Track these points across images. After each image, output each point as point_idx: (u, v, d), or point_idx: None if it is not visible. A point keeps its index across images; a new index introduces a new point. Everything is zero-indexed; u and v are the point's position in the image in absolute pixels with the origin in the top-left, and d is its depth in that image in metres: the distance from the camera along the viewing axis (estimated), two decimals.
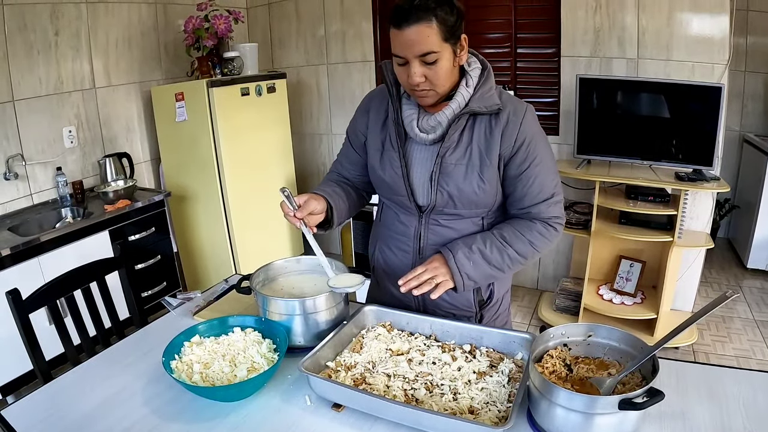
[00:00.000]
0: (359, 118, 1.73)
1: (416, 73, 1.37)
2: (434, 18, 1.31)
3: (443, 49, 1.35)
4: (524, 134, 1.47)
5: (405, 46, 1.35)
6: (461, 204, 1.53)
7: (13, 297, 1.66)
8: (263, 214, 4.10)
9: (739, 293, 4.06)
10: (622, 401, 1.05)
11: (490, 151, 1.48)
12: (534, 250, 1.53)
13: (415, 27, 1.32)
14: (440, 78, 1.39)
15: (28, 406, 1.36)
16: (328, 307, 1.50)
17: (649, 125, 3.26)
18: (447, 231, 1.59)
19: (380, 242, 1.75)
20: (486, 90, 1.48)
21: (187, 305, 1.87)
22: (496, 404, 1.22)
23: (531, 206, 1.52)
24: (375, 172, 1.63)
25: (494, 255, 1.50)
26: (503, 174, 1.52)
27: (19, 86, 3.23)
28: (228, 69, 3.82)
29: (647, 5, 3.29)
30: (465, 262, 1.48)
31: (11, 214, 3.25)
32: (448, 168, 1.50)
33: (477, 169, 1.49)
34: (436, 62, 1.36)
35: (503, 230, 1.53)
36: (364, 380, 1.31)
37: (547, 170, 1.51)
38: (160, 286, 3.70)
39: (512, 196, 1.54)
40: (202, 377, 1.33)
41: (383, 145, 1.60)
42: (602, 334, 1.30)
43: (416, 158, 1.55)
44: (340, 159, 1.82)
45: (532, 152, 1.48)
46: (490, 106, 1.46)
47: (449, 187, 1.50)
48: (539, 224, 1.53)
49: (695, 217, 3.41)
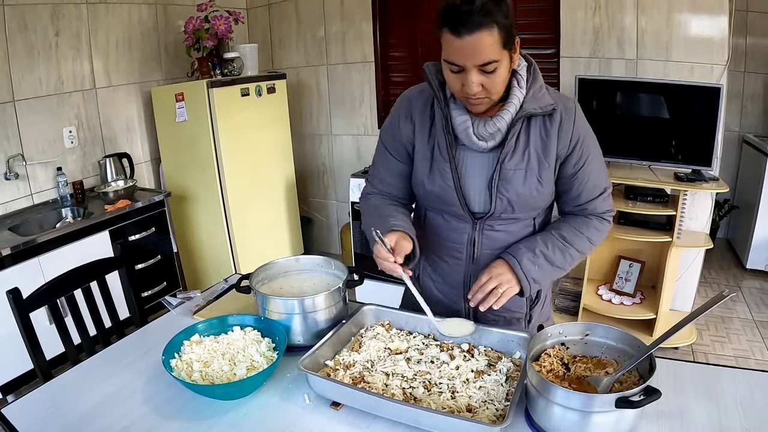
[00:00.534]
0: (403, 125, 1.57)
1: (474, 82, 1.29)
2: (495, 24, 1.22)
3: (503, 56, 1.27)
4: (578, 132, 1.44)
5: (464, 55, 1.26)
6: (519, 208, 1.48)
7: (13, 296, 1.67)
8: (263, 215, 4.11)
9: (737, 293, 4.07)
10: (618, 399, 1.05)
11: (548, 153, 1.44)
12: (591, 245, 1.53)
13: (477, 34, 1.22)
14: (497, 86, 1.32)
15: (29, 404, 1.37)
16: (326, 306, 1.51)
17: (648, 126, 3.27)
18: (502, 235, 1.53)
19: (427, 251, 1.62)
20: (537, 89, 1.42)
21: (187, 304, 1.88)
22: (494, 403, 1.23)
23: (587, 203, 1.51)
24: (421, 184, 1.54)
25: (557, 256, 1.48)
26: (558, 173, 1.49)
27: (19, 86, 3.24)
28: (228, 69, 3.82)
29: (646, 6, 3.30)
30: (531, 267, 1.45)
31: (12, 214, 3.26)
32: (507, 174, 1.44)
33: (536, 173, 1.44)
34: (495, 71, 1.28)
35: (562, 230, 1.51)
36: (363, 379, 1.32)
37: (599, 165, 1.51)
38: (160, 286, 3.70)
39: (567, 195, 1.52)
40: (201, 376, 1.34)
41: (432, 155, 1.50)
42: (600, 333, 1.31)
43: (470, 166, 1.48)
44: (379, 174, 1.65)
45: (586, 150, 1.46)
46: (545, 107, 1.40)
47: (509, 194, 1.45)
48: (595, 219, 1.53)
49: (694, 218, 3.41)
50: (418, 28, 4.11)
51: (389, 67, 4.36)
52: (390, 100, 4.42)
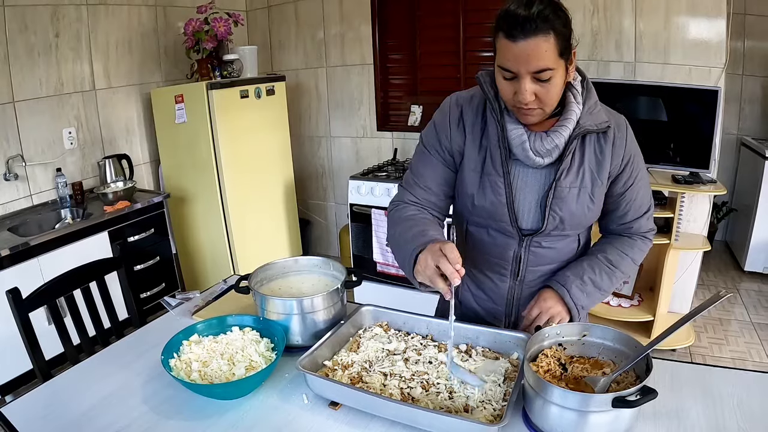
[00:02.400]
0: (453, 131, 1.47)
1: (527, 90, 1.24)
2: (552, 30, 1.18)
3: (558, 65, 1.23)
4: (630, 151, 1.42)
5: (518, 61, 1.22)
6: (570, 226, 1.45)
7: (13, 296, 1.67)
8: (262, 216, 4.12)
9: (733, 293, 4.08)
10: (615, 399, 1.06)
11: (601, 171, 1.41)
12: (635, 266, 1.53)
13: (533, 40, 1.18)
14: (551, 97, 1.27)
15: (28, 403, 1.37)
16: (325, 307, 1.51)
17: (646, 128, 3.27)
18: (547, 251, 1.49)
19: (468, 266, 1.47)
20: (592, 105, 1.38)
21: (186, 305, 1.88)
22: (491, 403, 1.23)
23: (633, 221, 1.50)
24: (472, 197, 1.46)
25: (604, 281, 1.47)
26: (608, 192, 1.46)
27: (19, 87, 3.25)
28: (227, 71, 3.83)
29: (644, 9, 3.31)
30: (580, 295, 1.44)
31: (11, 215, 3.26)
32: (562, 192, 1.40)
33: (589, 191, 1.41)
34: (549, 80, 1.23)
35: (608, 253, 1.49)
36: (361, 379, 1.32)
37: (646, 184, 1.49)
38: (159, 287, 3.71)
39: (614, 213, 1.50)
40: (200, 375, 1.34)
41: (483, 168, 1.44)
42: (597, 334, 1.31)
43: (523, 182, 1.43)
44: (422, 180, 1.53)
45: (636, 168, 1.44)
46: (600, 124, 1.37)
47: (562, 212, 1.41)
48: (639, 240, 1.51)
49: (692, 220, 3.42)
50: (417, 31, 4.12)
51: (388, 70, 4.37)
52: (389, 102, 4.43)
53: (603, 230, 1.58)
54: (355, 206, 3.76)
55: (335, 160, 4.78)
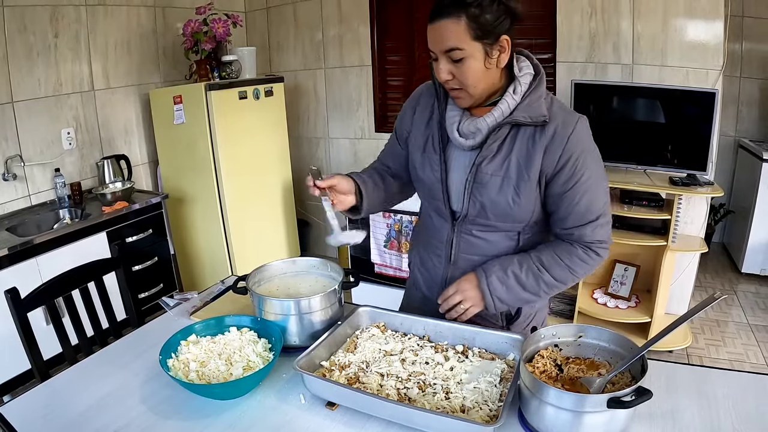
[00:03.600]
0: (407, 112, 1.64)
1: (442, 69, 1.34)
2: (464, 14, 1.26)
3: (472, 47, 1.29)
4: (571, 150, 1.37)
5: (432, 41, 1.33)
6: (494, 216, 1.46)
7: (11, 296, 1.67)
8: (260, 217, 4.12)
9: (728, 295, 4.09)
10: (610, 399, 1.07)
11: (530, 166, 1.39)
12: (573, 276, 1.46)
13: (444, 21, 1.28)
14: (468, 78, 1.33)
15: (26, 403, 1.38)
16: (322, 308, 1.52)
17: (644, 130, 3.29)
18: (480, 242, 1.53)
19: (418, 245, 1.71)
20: (535, 98, 1.38)
21: (184, 305, 1.89)
22: (487, 403, 1.24)
23: (574, 227, 1.43)
24: (415, 171, 1.58)
25: (529, 281, 1.45)
26: (546, 191, 1.43)
27: (18, 88, 3.25)
28: (226, 72, 3.84)
29: (642, 11, 3.32)
30: (498, 285, 1.45)
31: (9, 215, 3.26)
32: (483, 178, 1.43)
33: (513, 183, 1.41)
34: (462, 60, 1.30)
35: (542, 254, 1.47)
36: (358, 379, 1.33)
37: (595, 189, 1.41)
38: (157, 287, 3.71)
39: (555, 215, 1.46)
40: (198, 375, 1.35)
41: (425, 145, 1.54)
42: (593, 335, 1.32)
43: (455, 162, 1.49)
44: (384, 150, 1.76)
45: (579, 170, 1.38)
46: (536, 117, 1.37)
47: (482, 198, 1.44)
48: (580, 249, 1.44)
49: (689, 222, 3.43)
50: (416, 32, 4.13)
51: (386, 71, 4.38)
52: (387, 103, 4.43)
53: (552, 235, 1.55)
54: None
55: (333, 162, 4.78)
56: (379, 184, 1.64)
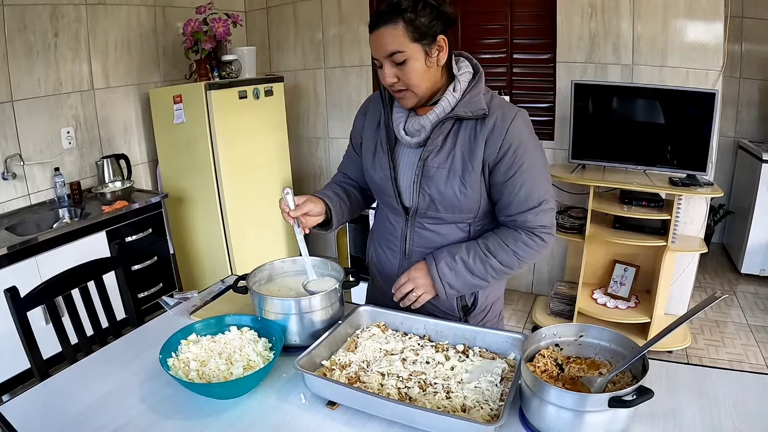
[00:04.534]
0: (358, 119, 1.75)
1: (387, 73, 1.42)
2: (401, 19, 1.35)
3: (411, 49, 1.38)
4: (510, 140, 1.44)
5: (375, 48, 1.42)
6: (443, 208, 1.54)
7: (11, 295, 1.67)
8: (260, 217, 4.12)
9: (728, 294, 4.09)
10: (611, 399, 1.07)
11: (473, 157, 1.47)
12: (519, 260, 1.51)
13: (383, 29, 1.38)
14: (412, 78, 1.42)
15: (26, 402, 1.37)
16: (323, 307, 1.52)
17: (644, 131, 3.29)
18: (432, 235, 1.60)
19: (374, 241, 1.79)
20: (474, 95, 1.47)
21: (184, 305, 1.88)
22: (488, 403, 1.24)
23: (517, 214, 1.50)
24: (367, 172, 1.68)
25: (477, 265, 1.51)
26: (490, 180, 1.51)
27: (18, 87, 3.24)
28: (226, 72, 3.84)
29: (642, 12, 3.32)
30: (447, 271, 1.51)
31: (9, 214, 3.26)
32: (430, 171, 1.51)
33: (459, 174, 1.49)
34: (405, 62, 1.39)
35: (488, 240, 1.53)
36: (359, 379, 1.33)
37: (535, 177, 1.48)
38: (157, 287, 3.71)
39: (499, 203, 1.53)
40: (198, 375, 1.34)
41: (375, 147, 1.62)
42: (593, 335, 1.32)
43: (403, 161, 1.58)
44: (344, 159, 1.87)
45: (519, 159, 1.45)
46: (476, 111, 1.45)
47: (431, 191, 1.52)
48: (524, 234, 1.50)
49: (689, 222, 3.43)
50: None
51: None
52: None
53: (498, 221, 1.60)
54: None
55: (333, 161, 4.77)
56: (344, 198, 1.73)
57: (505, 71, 3.83)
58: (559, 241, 3.82)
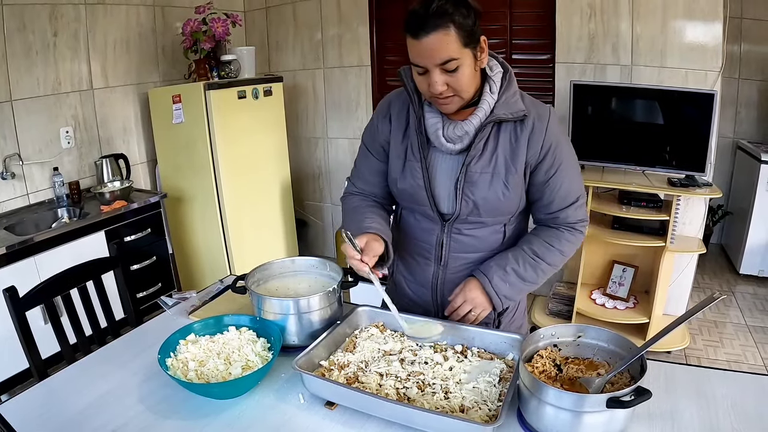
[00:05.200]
0: (380, 124, 1.61)
1: (437, 81, 1.33)
2: (452, 24, 1.27)
3: (463, 54, 1.31)
4: (550, 140, 1.45)
5: (424, 56, 1.31)
6: (485, 212, 1.50)
7: (10, 295, 1.67)
8: (259, 217, 4.12)
9: (727, 295, 4.09)
10: (609, 399, 1.07)
11: (516, 159, 1.45)
12: (563, 257, 1.55)
13: (433, 35, 1.27)
14: (463, 84, 1.35)
15: (24, 402, 1.37)
16: (321, 307, 1.52)
17: (643, 131, 3.29)
18: (469, 239, 1.57)
19: (400, 249, 1.69)
20: (510, 95, 1.44)
21: (183, 305, 1.88)
22: (486, 403, 1.24)
23: (558, 211, 1.52)
24: (395, 182, 1.58)
25: (528, 272, 1.51)
26: (530, 180, 1.50)
27: (17, 86, 3.24)
28: (225, 72, 3.83)
29: (641, 12, 3.33)
30: (502, 285, 1.50)
31: (8, 214, 3.26)
32: (473, 177, 1.47)
33: (502, 177, 1.46)
34: (457, 69, 1.32)
35: (533, 244, 1.53)
36: (357, 379, 1.33)
37: (572, 173, 1.51)
38: (156, 287, 3.70)
39: (539, 202, 1.54)
40: (197, 375, 1.34)
41: (405, 155, 1.54)
42: (592, 335, 1.32)
43: (440, 168, 1.52)
44: (359, 173, 1.70)
45: (558, 157, 1.46)
46: (516, 113, 1.43)
47: (474, 196, 1.48)
48: (566, 231, 1.53)
49: (688, 223, 3.43)
50: None
51: (385, 71, 4.38)
52: None
53: (534, 220, 1.62)
54: None
55: (332, 161, 4.78)
56: (385, 224, 1.59)
57: None
58: None
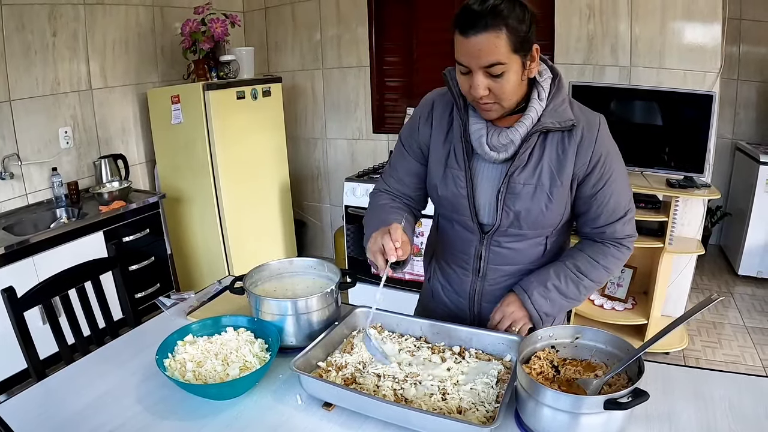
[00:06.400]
0: (421, 126, 1.53)
1: (479, 84, 1.27)
2: (505, 27, 1.20)
3: (511, 60, 1.24)
4: (599, 151, 1.37)
5: (470, 55, 1.25)
6: (526, 225, 1.44)
7: (8, 295, 1.67)
8: (257, 218, 4.12)
9: (725, 297, 4.09)
10: (607, 401, 1.07)
11: (562, 171, 1.38)
12: (609, 274, 1.49)
13: (483, 35, 1.20)
14: (506, 92, 1.28)
15: (22, 403, 1.37)
16: (319, 308, 1.52)
17: (641, 132, 3.29)
18: (509, 252, 1.51)
19: (438, 257, 1.66)
20: (559, 103, 1.37)
21: (181, 305, 1.88)
22: (484, 404, 1.24)
23: (606, 225, 1.45)
24: (436, 189, 1.52)
25: (570, 289, 1.45)
26: (576, 193, 1.43)
27: (16, 86, 3.24)
28: (224, 72, 3.84)
29: (640, 13, 3.33)
30: (542, 302, 1.45)
31: (6, 214, 3.26)
32: (516, 188, 1.40)
33: (546, 190, 1.39)
34: (502, 75, 1.25)
35: (577, 260, 1.47)
36: (355, 380, 1.33)
37: (622, 187, 1.43)
38: (154, 287, 3.70)
39: (586, 216, 1.47)
40: (194, 375, 1.34)
41: (446, 162, 1.48)
42: (589, 336, 1.32)
43: (483, 176, 1.45)
44: (394, 171, 1.62)
45: (607, 170, 1.39)
46: (564, 122, 1.35)
47: (516, 208, 1.41)
48: (613, 247, 1.46)
49: (686, 224, 3.43)
50: (414, 34, 4.13)
51: (384, 72, 4.38)
52: (385, 104, 4.43)
53: (579, 234, 1.56)
54: (350, 208, 3.76)
55: (331, 162, 4.78)
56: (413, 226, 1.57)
57: None
58: None
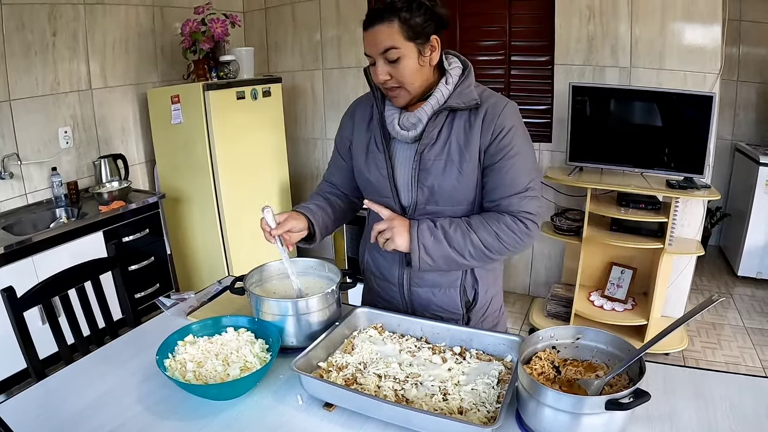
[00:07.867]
0: (345, 123, 1.75)
1: (380, 70, 1.45)
2: (396, 18, 1.39)
3: (406, 47, 1.41)
4: (502, 124, 1.48)
5: (369, 45, 1.44)
6: (441, 200, 1.54)
7: (8, 295, 1.67)
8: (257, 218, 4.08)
9: (725, 298, 4.09)
10: (608, 401, 1.07)
11: (469, 146, 1.50)
12: (501, 243, 1.48)
13: (378, 27, 1.41)
14: (405, 76, 1.44)
15: (22, 403, 1.37)
16: (320, 309, 1.52)
17: (641, 133, 3.29)
18: None
19: (368, 246, 1.75)
20: (465, 87, 1.51)
21: (181, 305, 1.88)
22: (485, 405, 1.24)
23: (501, 198, 1.50)
24: (362, 174, 1.66)
25: (457, 236, 1.47)
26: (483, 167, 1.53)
27: (15, 86, 3.24)
28: (224, 72, 3.83)
29: (640, 14, 3.33)
30: (427, 234, 1.48)
31: (6, 213, 3.25)
32: (427, 164, 1.52)
33: (456, 165, 1.50)
34: (398, 60, 1.42)
35: (471, 218, 1.52)
36: (355, 380, 1.33)
37: (522, 163, 1.49)
38: (154, 287, 3.70)
39: (486, 188, 1.54)
40: (195, 376, 1.34)
41: (368, 147, 1.63)
42: (590, 337, 1.32)
43: (399, 157, 1.58)
44: (329, 167, 1.85)
45: (507, 143, 1.48)
46: (468, 102, 1.48)
47: (428, 183, 1.52)
48: (508, 217, 1.48)
49: (686, 225, 3.44)
50: None
51: None
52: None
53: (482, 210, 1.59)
54: None
55: None
56: (327, 209, 1.73)
57: (503, 73, 3.83)
58: (556, 243, 3.83)
